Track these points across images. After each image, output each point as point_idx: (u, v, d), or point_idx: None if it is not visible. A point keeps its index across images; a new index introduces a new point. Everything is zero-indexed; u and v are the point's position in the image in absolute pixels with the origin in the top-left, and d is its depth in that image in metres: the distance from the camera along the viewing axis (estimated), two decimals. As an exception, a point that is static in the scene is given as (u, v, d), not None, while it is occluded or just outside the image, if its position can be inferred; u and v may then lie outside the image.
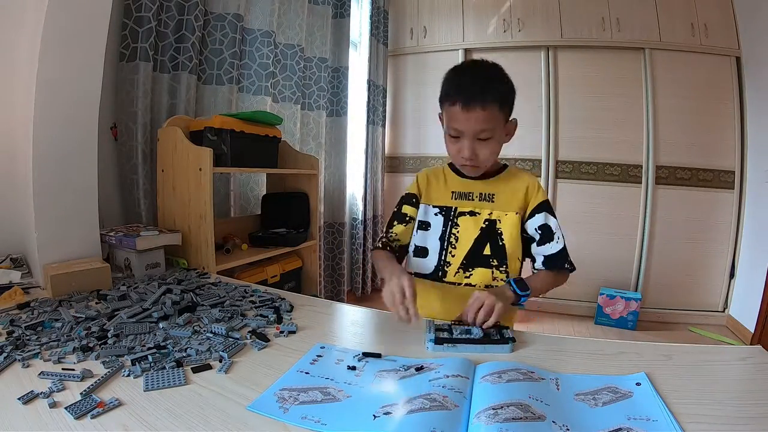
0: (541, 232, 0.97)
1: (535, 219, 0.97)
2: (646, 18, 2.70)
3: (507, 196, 0.99)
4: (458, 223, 1.01)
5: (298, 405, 0.56)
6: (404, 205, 1.07)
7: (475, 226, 0.99)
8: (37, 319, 0.81)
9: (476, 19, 3.05)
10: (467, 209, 1.00)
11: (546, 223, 0.97)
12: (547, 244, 0.96)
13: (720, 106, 2.68)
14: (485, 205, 1.00)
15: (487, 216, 0.99)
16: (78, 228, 1.13)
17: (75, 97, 1.09)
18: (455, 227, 1.01)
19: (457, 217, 1.01)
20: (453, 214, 1.01)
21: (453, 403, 0.55)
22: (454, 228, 1.01)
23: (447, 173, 1.05)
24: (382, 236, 1.07)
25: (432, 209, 1.03)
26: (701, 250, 2.78)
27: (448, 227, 1.01)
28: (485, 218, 0.99)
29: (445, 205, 1.02)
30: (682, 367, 0.67)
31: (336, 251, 2.75)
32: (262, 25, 1.95)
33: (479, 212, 1.00)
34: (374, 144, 3.06)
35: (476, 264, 0.98)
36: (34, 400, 0.55)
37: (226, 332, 0.78)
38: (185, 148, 1.35)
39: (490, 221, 0.99)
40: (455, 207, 1.01)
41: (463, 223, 1.00)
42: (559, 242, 0.96)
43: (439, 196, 1.04)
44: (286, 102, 2.19)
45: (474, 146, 0.90)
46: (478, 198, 1.01)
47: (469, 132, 0.88)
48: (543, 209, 0.98)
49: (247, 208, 2.00)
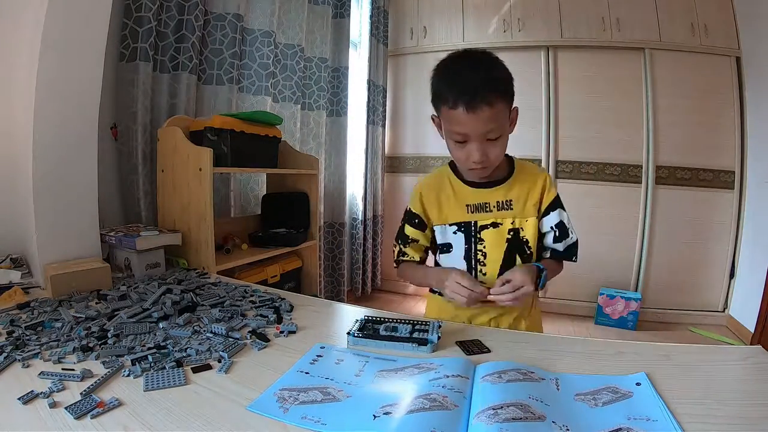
0: (558, 230, 0.94)
1: (550, 217, 0.94)
2: (646, 18, 2.70)
3: (524, 199, 0.93)
4: (482, 237, 0.93)
5: (298, 405, 0.56)
6: (407, 225, 1.00)
7: (501, 238, 0.93)
8: (37, 319, 0.81)
9: (476, 19, 3.05)
10: (488, 221, 0.93)
11: (561, 220, 0.94)
12: (563, 240, 0.94)
13: (720, 106, 2.68)
14: (505, 214, 0.93)
15: (510, 225, 0.93)
16: (78, 228, 1.13)
17: (75, 97, 1.09)
18: (480, 242, 0.93)
19: (480, 232, 0.93)
20: (475, 229, 0.94)
21: (453, 403, 0.55)
22: (479, 243, 0.93)
23: (454, 183, 0.96)
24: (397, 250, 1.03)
25: (449, 228, 0.95)
26: (701, 250, 2.78)
27: (471, 244, 0.94)
28: (508, 228, 0.93)
29: (464, 221, 0.94)
30: (682, 367, 0.67)
31: (336, 251, 2.75)
32: (262, 25, 1.95)
33: (501, 222, 0.93)
34: (374, 144, 3.06)
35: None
36: (34, 400, 0.55)
37: (226, 332, 0.78)
38: (185, 148, 1.35)
39: (514, 230, 0.93)
40: (474, 221, 0.93)
41: (488, 236, 0.93)
42: (572, 236, 0.94)
43: (453, 212, 0.95)
44: (286, 102, 2.19)
45: (483, 147, 0.82)
46: (496, 207, 0.93)
47: (477, 134, 0.80)
48: (557, 206, 0.94)
49: (247, 208, 2.00)
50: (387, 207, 3.37)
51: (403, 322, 0.83)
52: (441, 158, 3.19)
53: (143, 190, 1.54)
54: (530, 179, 0.95)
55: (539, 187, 0.94)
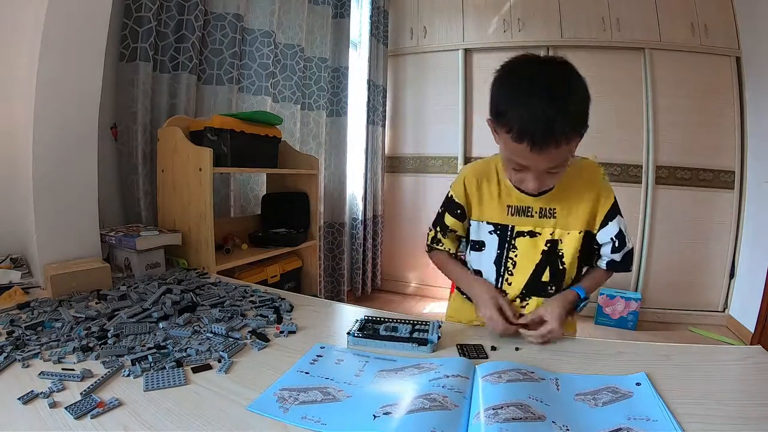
0: (618, 240, 0.86)
1: (608, 228, 0.86)
2: (646, 18, 2.70)
3: (570, 209, 0.85)
4: (516, 245, 0.88)
5: (298, 405, 0.56)
6: (447, 214, 0.94)
7: (536, 249, 0.87)
8: (37, 319, 0.81)
9: (476, 19, 3.05)
10: (526, 228, 0.87)
11: (620, 229, 0.86)
12: (621, 250, 0.87)
13: (720, 106, 2.68)
14: (546, 223, 0.86)
15: (549, 236, 0.86)
16: (78, 228, 1.13)
17: (75, 97, 1.09)
18: (512, 250, 0.88)
19: (515, 239, 0.88)
20: (510, 234, 0.88)
21: (453, 403, 0.55)
22: (512, 251, 0.88)
23: (501, 177, 0.89)
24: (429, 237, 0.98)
25: (485, 226, 0.90)
26: (701, 250, 2.78)
27: (504, 250, 0.89)
28: (547, 239, 0.86)
29: (501, 223, 0.89)
30: (682, 367, 0.67)
31: (336, 251, 2.75)
32: (262, 25, 1.95)
33: (540, 232, 0.86)
34: (374, 144, 3.06)
35: (534, 293, 0.88)
36: (34, 400, 0.55)
37: (226, 332, 0.78)
38: (185, 148, 1.35)
39: (552, 242, 0.86)
40: (512, 225, 0.88)
41: (522, 245, 0.87)
42: (629, 243, 0.88)
43: (493, 211, 0.89)
44: (286, 102, 2.19)
45: (542, 179, 0.76)
46: (538, 214, 0.86)
47: (539, 169, 0.74)
48: (616, 213, 0.86)
49: (247, 208, 2.00)
50: (387, 207, 3.37)
51: (403, 322, 0.83)
52: (441, 158, 3.20)
53: (143, 190, 1.54)
54: (583, 187, 0.85)
55: (592, 195, 0.85)
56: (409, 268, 3.36)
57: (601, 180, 0.87)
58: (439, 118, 3.19)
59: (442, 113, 3.17)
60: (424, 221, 3.23)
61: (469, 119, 3.12)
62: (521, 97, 0.69)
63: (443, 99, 3.16)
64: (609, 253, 0.88)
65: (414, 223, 3.32)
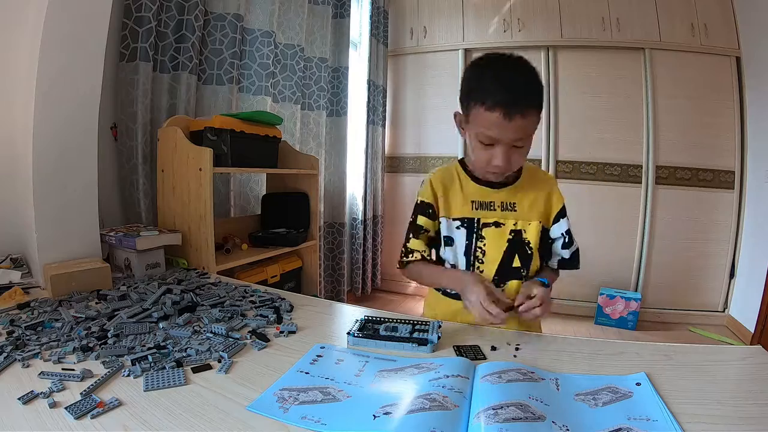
0: (567, 237, 0.96)
1: (560, 224, 0.96)
2: (646, 18, 2.70)
3: (528, 204, 0.95)
4: (483, 235, 0.95)
5: (298, 405, 0.56)
6: (419, 216, 0.99)
7: (502, 237, 0.94)
8: (37, 319, 0.81)
9: (476, 19, 3.05)
10: (491, 220, 0.94)
11: (568, 227, 0.97)
12: (570, 247, 0.97)
13: (720, 106, 2.68)
14: (508, 215, 0.95)
15: (513, 226, 0.94)
16: (78, 228, 1.13)
17: (75, 97, 1.09)
18: (480, 240, 0.95)
19: (482, 229, 0.95)
20: (477, 226, 0.95)
21: (453, 403, 0.55)
22: (480, 241, 0.95)
23: (462, 177, 0.98)
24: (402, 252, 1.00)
25: (453, 222, 0.96)
26: (701, 250, 2.78)
27: (472, 240, 0.95)
28: (510, 228, 0.94)
29: (467, 217, 0.95)
30: (682, 367, 0.67)
31: (336, 251, 2.75)
32: (262, 25, 1.95)
33: (504, 223, 0.94)
34: (374, 144, 3.06)
35: (509, 277, 0.94)
36: (34, 400, 0.55)
37: (226, 332, 0.78)
38: (185, 148, 1.35)
39: (515, 231, 0.94)
40: (478, 218, 0.95)
41: (489, 235, 0.94)
42: (575, 243, 0.98)
43: (458, 207, 0.96)
44: (286, 102, 2.19)
45: (508, 154, 0.83)
46: (500, 208, 0.95)
47: (507, 141, 0.81)
48: (565, 213, 0.97)
49: (247, 208, 2.00)
50: (387, 207, 3.37)
51: (403, 322, 0.83)
52: (441, 158, 3.20)
53: (143, 190, 1.54)
54: (538, 186, 0.97)
55: (545, 193, 0.96)
56: (409, 268, 3.36)
57: (555, 183, 0.99)
58: (439, 118, 3.19)
59: (442, 113, 3.17)
60: (424, 221, 3.23)
61: (469, 119, 3.12)
62: (494, 74, 0.82)
63: (443, 99, 3.16)
64: (560, 248, 0.98)
65: (414, 223, 3.31)
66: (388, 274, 3.41)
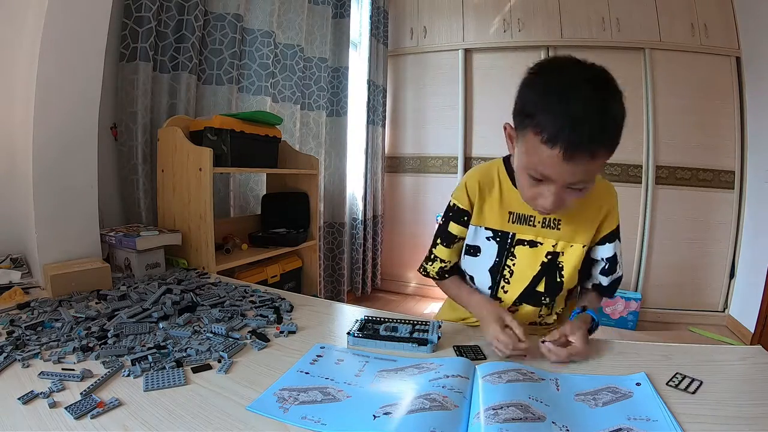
0: (609, 263, 0.84)
1: (605, 248, 0.83)
2: (646, 18, 2.70)
3: (576, 223, 0.81)
4: (515, 253, 0.83)
5: (298, 405, 0.56)
6: (452, 223, 0.88)
7: (535, 259, 0.82)
8: (37, 319, 0.81)
9: (476, 19, 3.05)
10: (527, 237, 0.82)
11: (615, 253, 0.84)
12: (611, 275, 0.85)
13: (720, 106, 2.68)
14: (549, 234, 0.81)
15: (551, 248, 0.82)
16: (78, 228, 1.13)
17: (75, 97, 1.09)
18: (511, 258, 0.84)
19: (515, 246, 0.83)
20: (510, 242, 0.83)
21: (453, 403, 0.55)
22: (510, 259, 0.84)
23: (503, 182, 0.84)
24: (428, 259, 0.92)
25: (483, 232, 0.85)
26: (701, 250, 2.78)
27: (503, 258, 0.84)
28: (548, 251, 0.82)
29: (501, 230, 0.84)
30: (682, 367, 0.67)
31: (336, 251, 2.75)
32: (262, 25, 1.95)
33: (541, 242, 0.82)
34: (374, 144, 3.06)
35: (526, 301, 0.85)
36: (34, 400, 0.55)
37: (226, 332, 0.78)
38: (185, 148, 1.35)
39: (553, 254, 0.82)
40: (513, 233, 0.83)
41: (521, 254, 0.83)
42: (619, 271, 0.86)
43: (493, 216, 0.84)
44: (286, 102, 2.19)
45: (561, 196, 0.68)
46: (540, 224, 0.82)
47: (563, 182, 0.66)
48: (615, 237, 0.83)
49: (247, 208, 2.00)
50: (387, 207, 3.37)
51: (403, 322, 0.83)
52: (441, 158, 3.20)
53: (143, 190, 1.54)
54: (594, 202, 0.80)
55: (601, 214, 0.81)
56: (409, 268, 3.36)
57: (615, 201, 0.83)
58: (439, 118, 3.19)
59: (442, 113, 3.17)
60: (424, 221, 3.23)
61: (469, 119, 3.12)
62: (558, 98, 0.62)
63: (443, 99, 3.16)
64: (598, 274, 0.86)
65: (414, 223, 3.32)
66: (388, 274, 3.41)
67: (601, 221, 0.82)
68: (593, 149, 0.61)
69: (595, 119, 0.60)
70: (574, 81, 0.63)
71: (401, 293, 3.36)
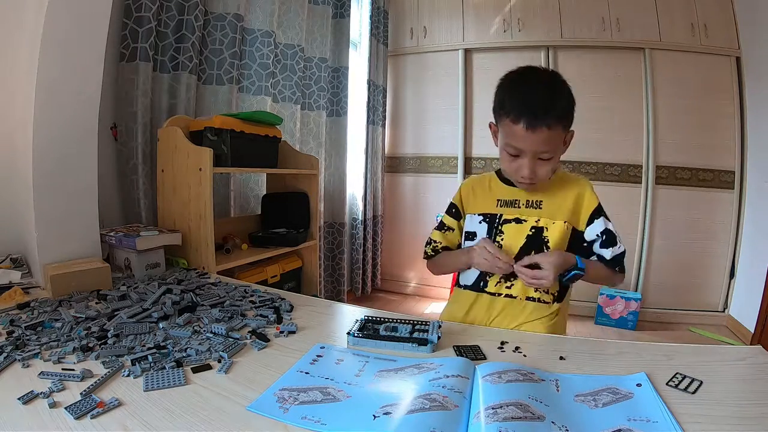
0: (605, 236, 0.94)
1: (595, 225, 0.94)
2: (646, 18, 2.69)
3: (556, 204, 0.95)
4: (503, 230, 0.97)
5: (298, 405, 0.56)
6: (445, 215, 1.07)
7: (521, 233, 0.95)
8: (37, 319, 0.81)
9: (476, 19, 3.05)
10: (512, 216, 0.96)
11: (606, 227, 0.94)
12: (611, 248, 0.94)
13: (720, 106, 2.68)
14: (531, 212, 0.96)
15: (534, 223, 0.95)
16: (78, 228, 1.13)
17: (75, 97, 1.09)
18: (500, 234, 0.97)
19: (502, 224, 0.97)
20: (498, 221, 0.97)
21: (453, 403, 0.55)
22: (499, 236, 0.97)
23: (492, 181, 1.03)
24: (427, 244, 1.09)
25: (476, 217, 1.01)
26: (701, 250, 2.78)
27: (492, 235, 0.98)
28: (532, 225, 0.95)
29: (489, 212, 0.99)
30: (682, 367, 0.67)
31: (336, 251, 2.75)
32: (262, 25, 1.95)
33: (525, 219, 0.95)
34: (374, 144, 3.06)
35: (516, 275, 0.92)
36: (34, 400, 0.55)
37: (226, 332, 0.78)
38: (185, 148, 1.35)
39: (536, 228, 0.94)
40: (500, 214, 0.98)
41: (508, 230, 0.96)
42: (621, 246, 0.95)
43: (484, 204, 1.01)
44: (286, 102, 2.19)
45: (534, 165, 0.87)
46: (524, 205, 0.97)
47: (531, 152, 0.85)
48: (600, 214, 0.95)
49: (247, 208, 2.00)
50: (387, 207, 3.37)
51: (403, 322, 0.83)
52: (441, 158, 3.20)
53: (143, 190, 1.54)
54: (569, 186, 0.97)
55: (575, 193, 0.95)
56: (409, 268, 3.36)
57: (588, 184, 0.97)
58: (439, 118, 3.19)
59: (442, 113, 3.17)
60: (424, 221, 3.23)
61: (469, 119, 3.12)
62: (520, 90, 0.87)
63: (443, 99, 3.16)
64: (599, 248, 0.95)
65: (414, 223, 3.32)
66: (388, 274, 3.41)
67: (576, 201, 0.95)
68: (548, 122, 0.82)
69: (547, 100, 0.83)
70: (530, 76, 0.90)
71: (401, 293, 3.36)
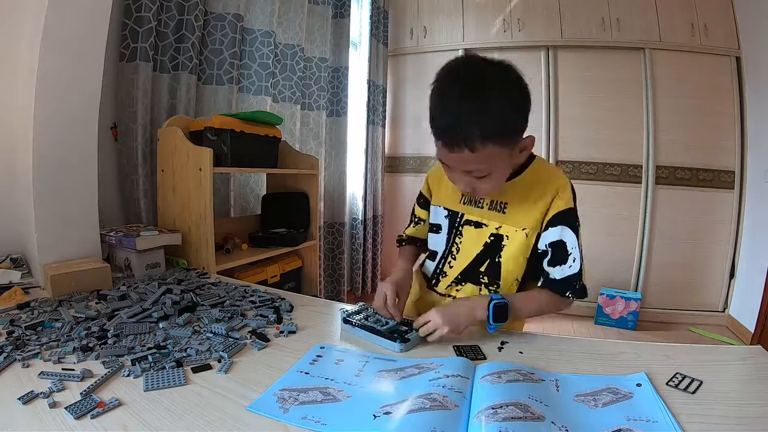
0: (552, 249, 0.80)
1: (548, 233, 0.81)
2: (646, 18, 2.70)
3: (523, 207, 0.83)
4: (462, 232, 0.90)
5: (298, 405, 0.56)
6: (416, 206, 1.04)
7: (480, 239, 0.88)
8: (37, 319, 0.81)
9: (476, 19, 3.05)
10: (474, 218, 0.89)
11: (560, 239, 0.79)
12: (558, 266, 0.80)
13: (720, 106, 2.68)
14: (494, 216, 0.86)
15: (495, 230, 0.86)
16: (78, 228, 1.13)
17: (75, 97, 1.09)
18: (458, 236, 0.91)
19: (462, 226, 0.90)
20: (459, 221, 0.91)
21: (453, 402, 0.55)
22: (458, 237, 0.91)
23: None
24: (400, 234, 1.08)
25: (441, 211, 0.95)
26: (701, 250, 2.78)
27: (452, 235, 0.92)
28: (491, 232, 0.86)
29: (452, 209, 0.92)
30: (682, 367, 0.67)
31: (336, 251, 2.75)
32: (262, 25, 1.95)
33: (486, 224, 0.87)
34: (374, 144, 3.06)
35: (468, 279, 0.90)
36: (34, 400, 0.55)
37: (226, 332, 0.78)
38: (185, 148, 1.34)
39: (496, 236, 0.86)
40: (462, 213, 0.91)
41: (467, 234, 0.90)
42: (573, 266, 0.79)
43: (448, 197, 0.94)
44: (286, 102, 2.19)
45: (470, 181, 0.75)
46: (488, 206, 0.87)
47: (458, 169, 0.75)
48: (560, 222, 0.79)
49: (247, 208, 2.00)
50: (387, 207, 3.37)
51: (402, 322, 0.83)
52: (441, 158, 3.19)
53: (143, 190, 1.54)
54: (540, 186, 0.82)
55: (548, 198, 0.81)
56: (409, 268, 3.36)
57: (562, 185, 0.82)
58: (439, 118, 3.19)
59: (442, 113, 3.17)
60: (424, 221, 3.22)
61: (469, 119, 3.12)
62: (440, 99, 0.72)
63: (443, 99, 3.16)
64: (546, 265, 0.81)
65: (414, 223, 3.31)
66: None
67: (546, 204, 0.81)
68: (468, 143, 0.68)
69: (466, 117, 0.67)
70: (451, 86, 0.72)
71: (401, 293, 3.35)
